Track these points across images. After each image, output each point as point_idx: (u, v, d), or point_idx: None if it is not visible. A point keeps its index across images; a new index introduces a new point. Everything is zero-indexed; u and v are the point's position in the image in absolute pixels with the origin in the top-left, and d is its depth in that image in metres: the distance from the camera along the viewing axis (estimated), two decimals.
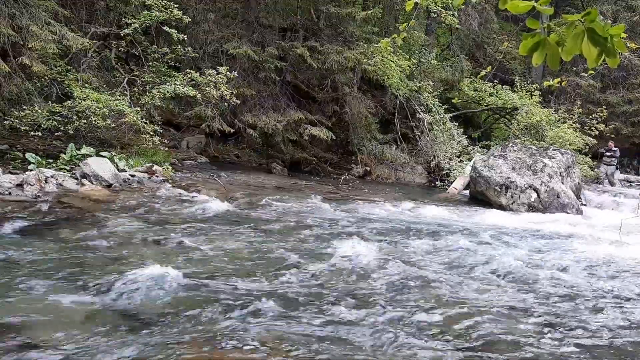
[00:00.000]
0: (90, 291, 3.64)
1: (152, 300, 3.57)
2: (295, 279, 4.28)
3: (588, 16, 1.85)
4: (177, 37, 9.61)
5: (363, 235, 6.03)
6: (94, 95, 8.17)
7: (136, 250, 4.74)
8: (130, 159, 8.52)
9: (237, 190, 8.41)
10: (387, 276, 4.48)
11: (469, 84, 16.83)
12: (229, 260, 4.63)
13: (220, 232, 5.65)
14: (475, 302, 4.05)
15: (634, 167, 22.14)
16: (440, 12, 13.18)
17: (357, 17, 11.64)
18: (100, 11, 9.96)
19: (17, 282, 3.69)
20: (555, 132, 14.69)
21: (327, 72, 11.66)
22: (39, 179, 6.81)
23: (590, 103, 19.70)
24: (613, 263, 5.56)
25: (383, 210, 8.31)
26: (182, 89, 9.22)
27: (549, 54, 1.93)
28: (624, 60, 19.22)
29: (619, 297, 4.44)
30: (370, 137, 13.41)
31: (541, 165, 10.42)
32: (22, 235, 4.90)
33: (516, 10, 1.91)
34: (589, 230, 7.96)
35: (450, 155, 13.25)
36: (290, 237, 5.68)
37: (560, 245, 6.34)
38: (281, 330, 3.23)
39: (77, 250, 4.60)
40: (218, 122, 10.42)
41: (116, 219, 5.71)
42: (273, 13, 11.83)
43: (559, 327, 3.66)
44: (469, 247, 5.83)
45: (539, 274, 4.95)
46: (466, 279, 4.66)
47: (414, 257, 5.26)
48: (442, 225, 7.30)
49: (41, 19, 7.71)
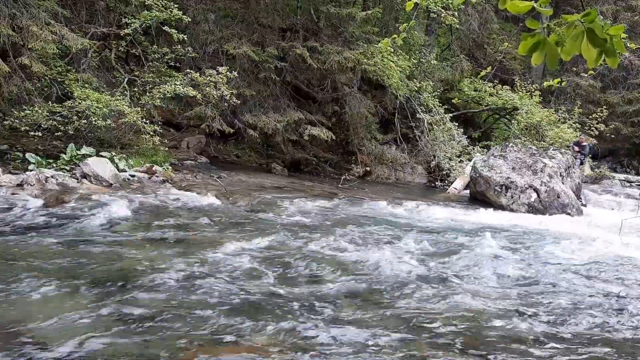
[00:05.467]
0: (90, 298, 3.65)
1: (153, 299, 3.58)
2: (288, 281, 4.28)
3: (587, 17, 1.85)
4: (177, 37, 9.61)
5: (363, 235, 6.03)
6: (94, 96, 8.17)
7: (136, 249, 4.74)
8: (130, 159, 8.52)
9: (237, 191, 8.41)
10: (386, 276, 4.48)
11: (469, 84, 16.82)
12: (229, 260, 4.63)
13: (220, 232, 5.65)
14: (475, 301, 4.05)
15: (634, 167, 22.14)
16: (440, 12, 13.17)
17: (357, 17, 11.63)
18: (100, 11, 9.95)
19: (18, 279, 3.69)
20: (555, 132, 14.69)
21: (327, 72, 11.65)
22: (39, 179, 6.81)
23: (590, 103, 19.71)
24: (613, 263, 5.56)
25: (383, 209, 8.31)
26: (182, 89, 9.23)
27: (548, 54, 1.93)
28: (624, 60, 19.23)
29: (619, 297, 4.44)
30: (370, 137, 13.40)
31: (541, 165, 10.42)
32: (22, 235, 4.90)
33: (516, 10, 1.92)
34: (589, 230, 7.96)
35: (450, 155, 13.24)
36: (290, 237, 5.68)
37: (560, 245, 6.33)
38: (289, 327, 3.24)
39: (77, 250, 4.60)
40: (218, 122, 10.41)
41: (115, 219, 5.71)
42: (273, 13, 11.82)
43: (559, 327, 3.66)
44: (469, 247, 5.83)
45: (539, 274, 4.95)
46: (466, 279, 4.67)
47: (413, 257, 5.25)
48: (442, 225, 7.30)
49: (41, 19, 7.71)
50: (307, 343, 3.10)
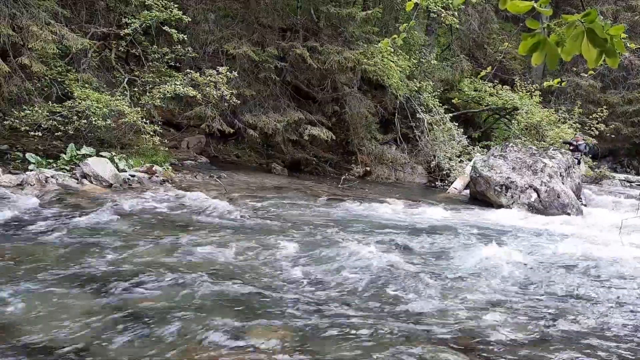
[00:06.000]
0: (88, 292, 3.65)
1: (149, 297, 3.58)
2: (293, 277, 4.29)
3: (588, 17, 1.85)
4: (177, 37, 9.61)
5: (363, 235, 6.04)
6: (94, 96, 8.17)
7: (135, 249, 4.74)
8: (131, 159, 8.51)
9: (237, 191, 8.42)
10: (385, 275, 4.48)
11: (469, 84, 16.82)
12: (229, 260, 4.63)
13: (221, 232, 5.65)
14: (475, 301, 4.05)
15: (634, 167, 22.15)
16: (440, 12, 13.17)
17: (357, 17, 11.63)
18: (100, 11, 9.95)
19: (17, 279, 3.69)
20: (556, 132, 14.69)
21: (327, 72, 11.65)
22: (39, 179, 6.81)
23: (590, 103, 19.72)
24: (613, 263, 5.55)
25: (383, 209, 8.31)
26: (182, 89, 9.22)
27: (549, 55, 1.93)
28: (624, 60, 19.23)
29: (619, 297, 4.44)
30: (370, 137, 13.40)
31: (541, 165, 10.42)
32: (22, 235, 4.90)
33: (516, 10, 1.92)
34: (589, 230, 7.96)
35: (451, 155, 13.24)
36: (291, 237, 5.68)
37: (560, 245, 6.33)
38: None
39: (76, 250, 4.60)
40: (218, 122, 10.41)
41: (116, 219, 5.71)
42: (273, 13, 11.82)
43: (559, 327, 3.66)
44: (469, 247, 5.83)
45: (539, 274, 4.95)
46: (466, 279, 4.66)
47: (413, 257, 5.26)
48: (442, 225, 7.29)
49: (41, 19, 7.71)
50: (307, 336, 3.10)
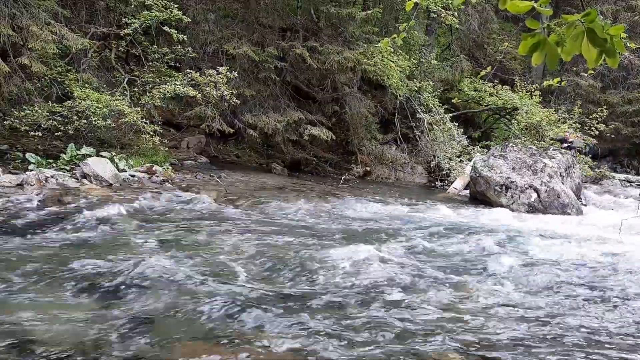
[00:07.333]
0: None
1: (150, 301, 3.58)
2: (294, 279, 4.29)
3: (588, 17, 1.85)
4: (177, 37, 9.60)
5: (363, 234, 6.03)
6: (94, 95, 8.17)
7: (135, 250, 4.74)
8: (130, 159, 8.51)
9: (238, 191, 8.42)
10: (385, 275, 4.48)
11: (469, 84, 16.81)
12: (229, 260, 4.63)
13: (221, 232, 5.65)
14: (475, 301, 4.05)
15: (634, 167, 22.13)
16: (440, 12, 13.16)
17: (357, 17, 11.62)
18: (100, 11, 9.94)
19: (17, 279, 3.69)
20: (556, 132, 14.68)
21: (327, 72, 11.64)
22: (39, 179, 6.82)
23: (590, 103, 19.69)
24: (613, 263, 5.56)
25: (383, 209, 8.31)
26: (182, 89, 9.22)
27: (548, 55, 1.93)
28: (624, 60, 19.22)
29: (619, 297, 4.44)
30: (370, 137, 13.39)
31: (541, 165, 10.42)
32: (22, 235, 4.90)
33: (516, 10, 1.92)
34: (590, 230, 7.95)
35: (451, 155, 13.23)
36: (291, 237, 5.68)
37: (560, 245, 6.33)
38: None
39: (76, 250, 4.60)
40: (218, 122, 10.41)
41: (116, 219, 5.72)
42: (273, 13, 11.82)
43: (558, 327, 3.66)
44: (469, 247, 5.83)
45: (539, 274, 4.95)
46: (465, 279, 4.66)
47: (412, 256, 5.26)
48: (442, 225, 7.29)
49: (41, 19, 7.71)
50: (315, 335, 3.10)
